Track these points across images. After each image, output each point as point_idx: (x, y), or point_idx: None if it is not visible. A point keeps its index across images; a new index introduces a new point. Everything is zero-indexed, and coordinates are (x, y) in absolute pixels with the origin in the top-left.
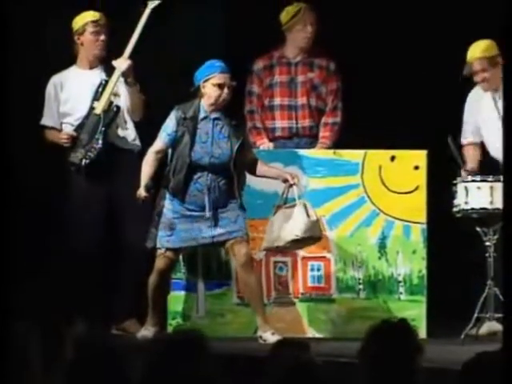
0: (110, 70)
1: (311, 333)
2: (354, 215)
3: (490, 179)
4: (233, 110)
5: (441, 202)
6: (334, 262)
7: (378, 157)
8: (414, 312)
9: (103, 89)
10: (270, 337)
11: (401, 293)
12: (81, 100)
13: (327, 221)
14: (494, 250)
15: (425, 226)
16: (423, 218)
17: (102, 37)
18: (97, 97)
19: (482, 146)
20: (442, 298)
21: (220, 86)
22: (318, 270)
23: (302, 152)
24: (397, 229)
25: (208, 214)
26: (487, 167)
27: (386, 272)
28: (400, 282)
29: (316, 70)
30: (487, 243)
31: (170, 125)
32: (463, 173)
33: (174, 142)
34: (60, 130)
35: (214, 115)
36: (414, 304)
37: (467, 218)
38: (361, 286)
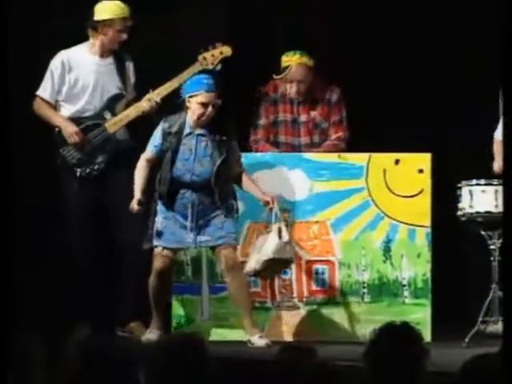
0: (121, 62)
1: (316, 336)
2: (359, 219)
3: (494, 183)
4: (219, 123)
5: (445, 205)
6: (339, 266)
7: (382, 160)
8: (419, 315)
9: (117, 103)
10: (258, 340)
11: (405, 296)
12: (86, 90)
13: (331, 224)
14: (499, 253)
15: (429, 230)
16: (428, 221)
17: (125, 35)
18: (110, 106)
19: None
20: (447, 302)
21: (204, 105)
22: (323, 273)
23: (307, 156)
24: (401, 232)
25: (190, 225)
26: None
27: (390, 275)
28: (404, 285)
29: (318, 106)
30: (492, 247)
31: (156, 137)
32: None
33: (160, 154)
34: (54, 107)
35: (198, 131)
36: (419, 307)
37: (472, 222)
38: (365, 290)
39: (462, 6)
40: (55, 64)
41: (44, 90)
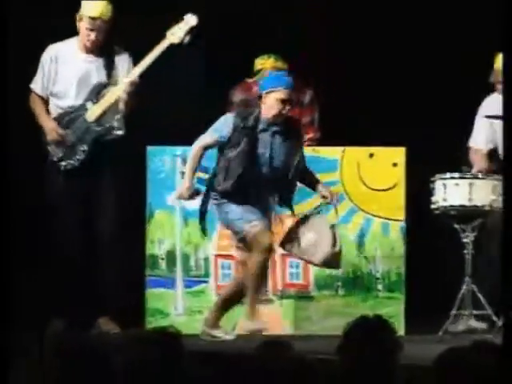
0: (110, 58)
1: (289, 330)
2: (333, 212)
3: (468, 176)
4: (291, 120)
5: (419, 199)
6: None
7: (356, 154)
8: (392, 309)
9: (99, 93)
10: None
11: (379, 290)
12: (72, 84)
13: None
14: (473, 246)
15: (403, 224)
16: (402, 215)
17: (94, 35)
18: (92, 97)
19: (490, 152)
20: (421, 295)
21: (283, 102)
22: (297, 267)
23: None
24: (375, 226)
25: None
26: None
27: (364, 269)
28: (378, 278)
29: (292, 107)
30: (465, 240)
31: (225, 129)
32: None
33: (225, 147)
34: (46, 101)
35: (273, 128)
36: (392, 301)
37: (445, 215)
38: (339, 283)
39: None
40: (45, 57)
41: (35, 84)
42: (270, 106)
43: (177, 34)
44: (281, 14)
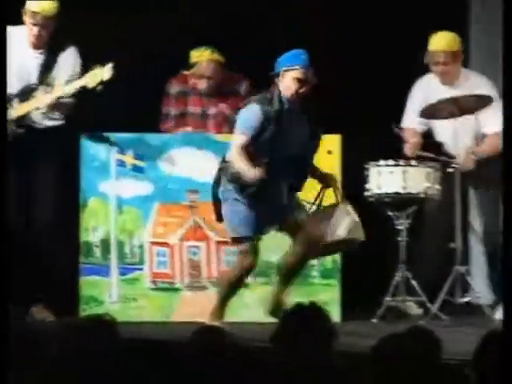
0: (50, 59)
1: (225, 317)
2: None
3: (402, 163)
4: (311, 104)
5: (354, 186)
6: None
7: None
8: (328, 296)
9: (30, 93)
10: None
11: (314, 277)
12: (13, 78)
13: None
14: (407, 234)
15: None
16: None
17: (36, 30)
18: (20, 95)
19: (424, 133)
20: (356, 282)
21: (299, 81)
22: (233, 254)
23: (215, 137)
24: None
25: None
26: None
27: None
28: (314, 265)
29: (227, 98)
30: (399, 227)
31: (253, 118)
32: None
33: (256, 137)
34: None
35: (292, 107)
36: (328, 288)
37: (380, 203)
38: (274, 271)
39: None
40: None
41: None
42: (287, 85)
43: (93, 79)
44: (281, 13)
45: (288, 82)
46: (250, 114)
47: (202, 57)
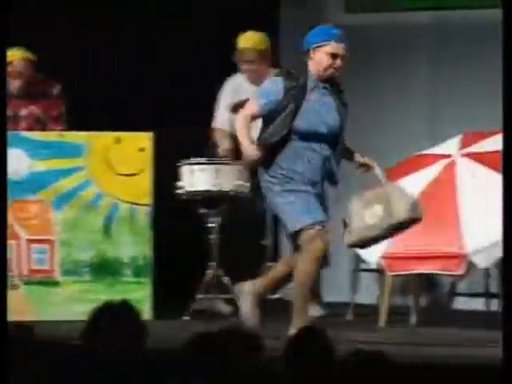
0: None
1: (35, 316)
2: (80, 197)
3: (215, 161)
4: (339, 81)
5: (166, 183)
6: (59, 244)
7: (103, 139)
8: (140, 294)
9: None
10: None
11: (126, 275)
12: None
13: (53, 202)
14: (218, 231)
15: (150, 208)
16: (148, 200)
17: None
18: None
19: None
20: (168, 280)
21: (334, 56)
22: (42, 252)
23: (26, 134)
24: (123, 211)
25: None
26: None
27: (111, 254)
28: (125, 263)
29: (38, 100)
30: (210, 225)
31: (272, 93)
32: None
33: (269, 111)
34: None
35: (323, 85)
36: (139, 286)
37: (191, 200)
38: (86, 269)
39: None
40: None
41: None
42: (319, 61)
43: None
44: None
45: (320, 58)
46: (269, 85)
47: (14, 56)
